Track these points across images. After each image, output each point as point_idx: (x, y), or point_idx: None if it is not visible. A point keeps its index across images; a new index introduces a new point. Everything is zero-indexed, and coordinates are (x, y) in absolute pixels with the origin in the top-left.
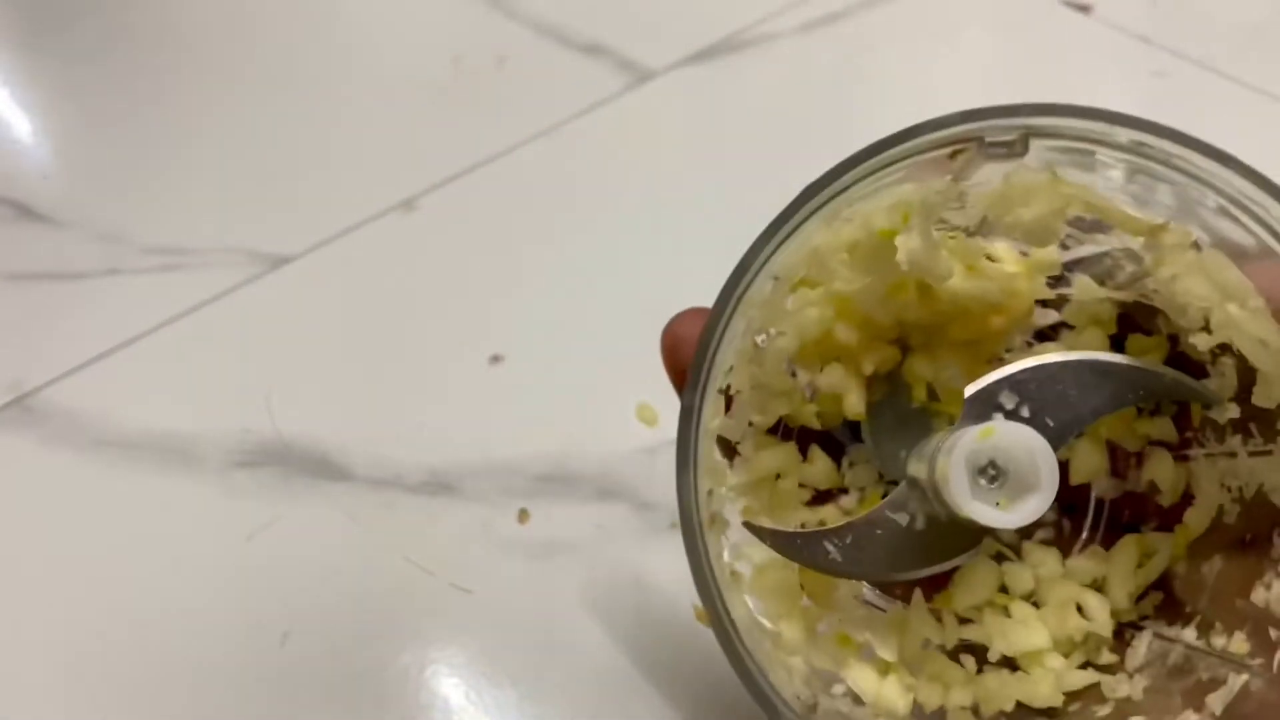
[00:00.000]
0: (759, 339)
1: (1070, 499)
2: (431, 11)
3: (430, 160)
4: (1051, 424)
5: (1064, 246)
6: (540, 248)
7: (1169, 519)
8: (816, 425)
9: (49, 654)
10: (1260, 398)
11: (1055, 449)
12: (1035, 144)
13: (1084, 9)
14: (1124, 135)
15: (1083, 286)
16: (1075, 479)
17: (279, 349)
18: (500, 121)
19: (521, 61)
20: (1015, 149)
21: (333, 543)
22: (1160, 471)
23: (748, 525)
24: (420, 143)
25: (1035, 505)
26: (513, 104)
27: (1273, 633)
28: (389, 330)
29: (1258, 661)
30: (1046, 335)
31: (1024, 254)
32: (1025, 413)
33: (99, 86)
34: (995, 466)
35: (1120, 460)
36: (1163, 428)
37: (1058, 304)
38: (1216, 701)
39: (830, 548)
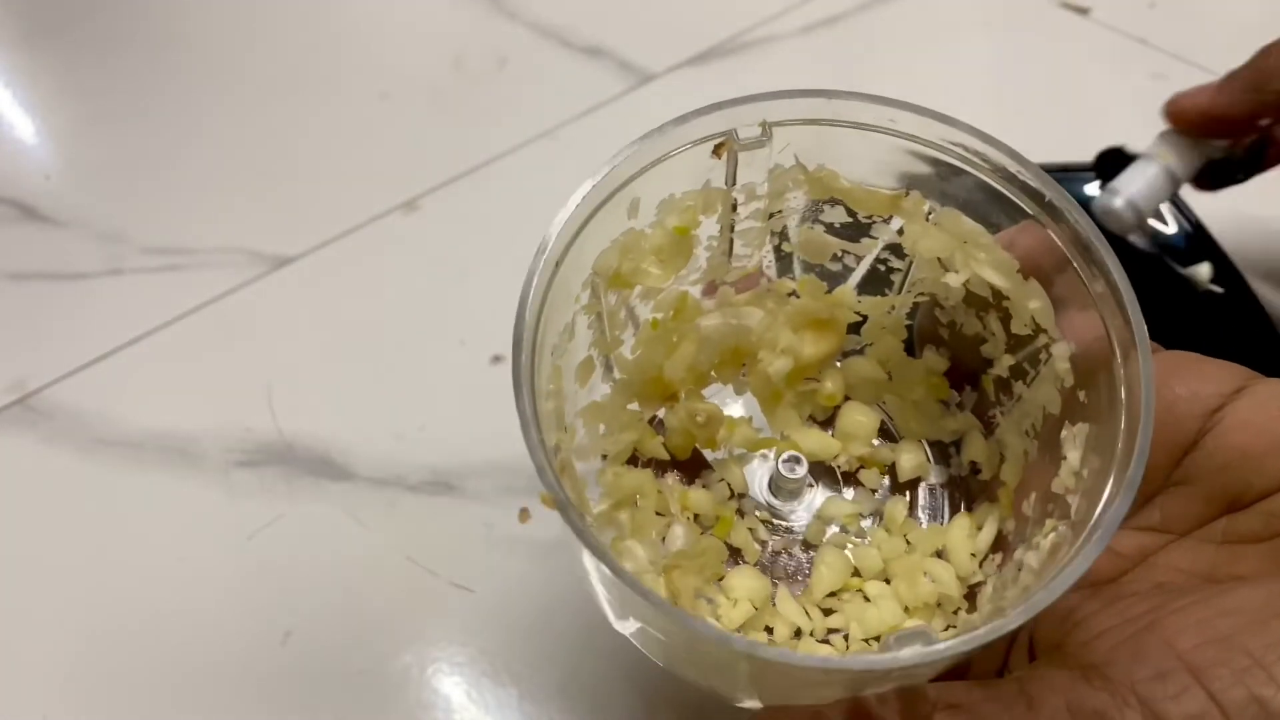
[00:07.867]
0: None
1: (906, 490)
2: (433, 13)
3: (432, 161)
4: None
5: (844, 266)
6: None
7: (993, 490)
8: (665, 456)
9: (50, 652)
10: (1018, 326)
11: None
12: (778, 131)
13: (1082, 11)
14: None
15: (870, 304)
16: (903, 477)
17: (280, 349)
18: (501, 122)
19: (523, 63)
20: (763, 138)
21: (334, 542)
22: (974, 452)
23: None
24: (422, 143)
25: None
26: (514, 105)
27: (1070, 501)
28: (390, 330)
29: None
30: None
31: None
32: None
33: (101, 87)
34: None
35: (938, 450)
36: (968, 420)
37: (857, 327)
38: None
39: None
